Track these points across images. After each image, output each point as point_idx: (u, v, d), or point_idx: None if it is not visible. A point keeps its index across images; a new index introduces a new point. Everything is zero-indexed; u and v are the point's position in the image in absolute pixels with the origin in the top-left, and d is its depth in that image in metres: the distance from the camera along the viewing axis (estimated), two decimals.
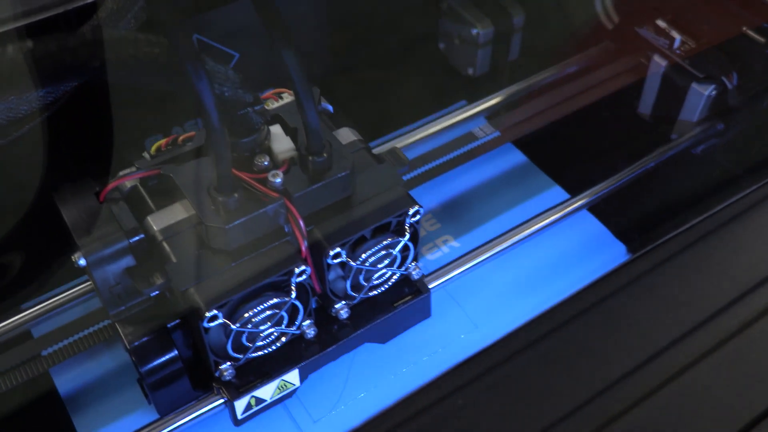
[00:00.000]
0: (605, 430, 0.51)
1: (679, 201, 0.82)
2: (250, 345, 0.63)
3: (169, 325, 0.63)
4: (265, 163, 0.63)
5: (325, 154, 0.63)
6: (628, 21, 0.96)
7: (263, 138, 0.64)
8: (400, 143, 0.88)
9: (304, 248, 0.62)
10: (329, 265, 0.64)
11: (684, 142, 0.88)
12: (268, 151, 0.65)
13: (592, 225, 0.82)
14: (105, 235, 0.61)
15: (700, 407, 0.51)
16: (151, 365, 0.62)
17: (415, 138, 0.90)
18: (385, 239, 0.65)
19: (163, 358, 0.63)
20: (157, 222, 0.63)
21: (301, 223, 0.62)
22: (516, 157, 0.95)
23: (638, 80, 0.96)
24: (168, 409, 0.66)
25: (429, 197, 0.91)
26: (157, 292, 0.61)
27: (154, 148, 0.67)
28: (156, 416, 0.66)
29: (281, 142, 0.65)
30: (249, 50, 0.90)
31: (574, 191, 0.84)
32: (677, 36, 0.91)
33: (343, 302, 0.67)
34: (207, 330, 0.60)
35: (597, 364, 0.54)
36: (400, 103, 1.04)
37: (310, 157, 0.63)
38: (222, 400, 0.65)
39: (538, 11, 1.01)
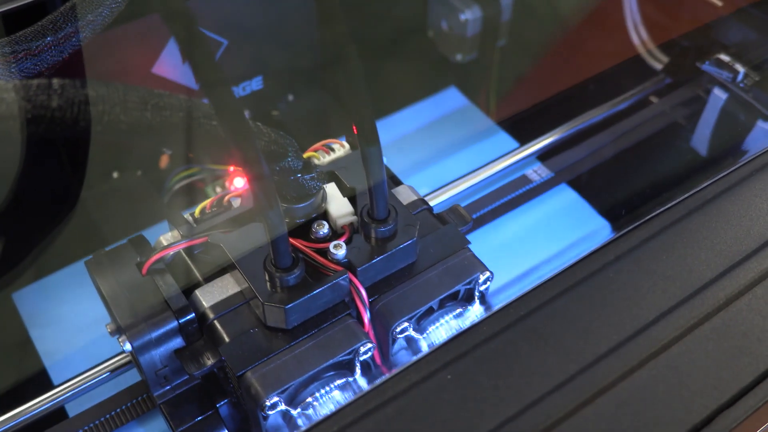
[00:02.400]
0: (594, 403, 0.51)
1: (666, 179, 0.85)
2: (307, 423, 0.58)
3: (218, 405, 0.59)
4: (324, 231, 0.58)
5: (391, 223, 0.58)
6: (686, 54, 0.93)
7: (320, 201, 0.59)
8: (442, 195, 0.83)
9: (367, 323, 0.58)
10: (394, 340, 0.59)
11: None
12: (325, 216, 0.60)
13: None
14: (152, 315, 0.56)
15: (687, 379, 0.52)
16: None
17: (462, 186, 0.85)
18: (454, 309, 0.61)
19: None
20: (206, 297, 0.58)
21: (365, 297, 0.57)
22: (568, 195, 0.92)
23: (692, 113, 0.93)
24: None
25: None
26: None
27: (198, 210, 0.62)
28: None
29: (338, 205, 0.60)
30: (236, 38, 0.89)
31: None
32: (741, 69, 0.87)
33: None
34: (266, 417, 0.55)
35: (585, 338, 0.54)
36: (389, 90, 1.05)
37: (374, 225, 0.58)
38: None
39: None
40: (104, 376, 0.67)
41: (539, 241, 0.86)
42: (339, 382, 0.57)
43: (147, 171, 0.95)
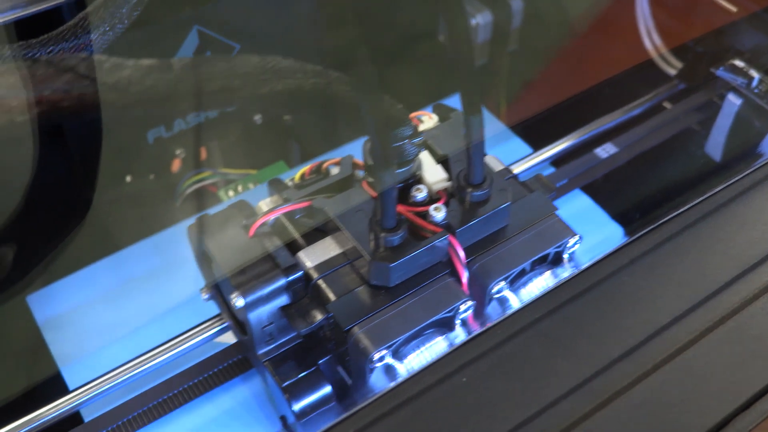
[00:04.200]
0: (607, 407, 0.51)
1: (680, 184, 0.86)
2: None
3: (320, 362, 0.62)
4: (423, 195, 0.61)
5: (486, 188, 0.61)
6: (700, 59, 0.93)
7: (416, 168, 0.62)
8: None
9: (465, 283, 0.60)
10: (490, 299, 0.62)
11: None
12: (420, 182, 0.63)
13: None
14: (262, 273, 0.59)
15: (702, 383, 0.52)
16: (306, 404, 0.61)
17: None
18: (544, 271, 0.64)
19: (318, 397, 0.62)
20: (310, 259, 0.61)
21: (463, 257, 0.60)
22: (582, 201, 0.92)
23: (706, 119, 0.93)
24: None
25: None
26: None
27: (298, 175, 0.66)
28: None
29: (433, 171, 0.63)
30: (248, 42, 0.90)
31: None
32: (756, 74, 0.87)
33: None
34: (372, 370, 0.57)
35: (599, 342, 0.54)
36: (401, 95, 1.04)
37: (470, 189, 0.61)
38: None
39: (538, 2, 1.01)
40: (120, 380, 0.67)
41: None
42: (436, 338, 0.60)
43: (159, 175, 0.96)
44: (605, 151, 0.92)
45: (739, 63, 0.89)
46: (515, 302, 0.62)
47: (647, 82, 0.97)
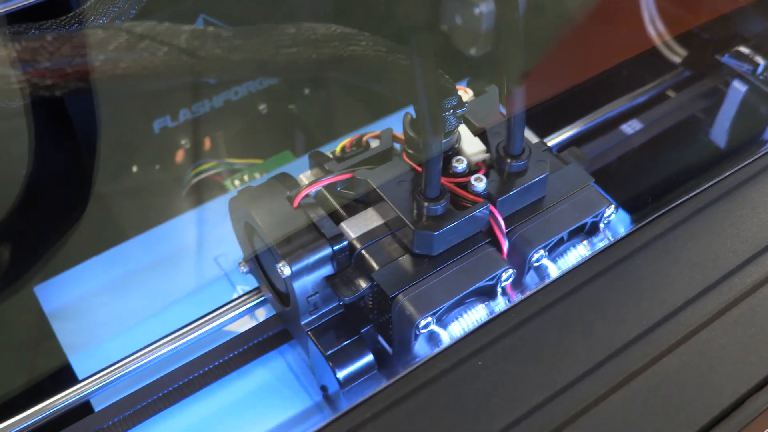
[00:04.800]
0: (624, 388, 0.52)
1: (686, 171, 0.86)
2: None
3: (362, 331, 0.64)
4: (463, 166, 0.62)
5: (525, 159, 0.62)
6: (705, 46, 0.93)
7: (456, 140, 0.63)
8: None
9: (505, 252, 0.62)
10: (530, 267, 0.63)
11: None
12: (459, 154, 0.64)
13: None
14: (308, 243, 0.60)
15: (717, 364, 0.53)
16: (349, 372, 0.63)
17: None
18: (581, 240, 0.65)
19: (361, 365, 0.63)
20: (352, 229, 0.62)
21: (504, 226, 0.61)
22: None
23: (711, 106, 0.93)
24: None
25: None
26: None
27: (339, 148, 0.67)
28: None
29: (471, 144, 0.64)
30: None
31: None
32: (762, 61, 0.87)
33: None
34: (417, 337, 0.58)
35: (614, 324, 0.55)
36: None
37: (509, 160, 0.62)
38: None
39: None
40: (130, 369, 0.67)
41: None
42: (480, 306, 0.61)
43: (165, 165, 0.96)
44: (610, 139, 0.93)
45: (744, 50, 0.89)
46: (553, 271, 0.64)
47: (652, 70, 0.98)
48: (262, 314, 0.74)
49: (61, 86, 0.53)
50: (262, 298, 0.70)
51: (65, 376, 0.76)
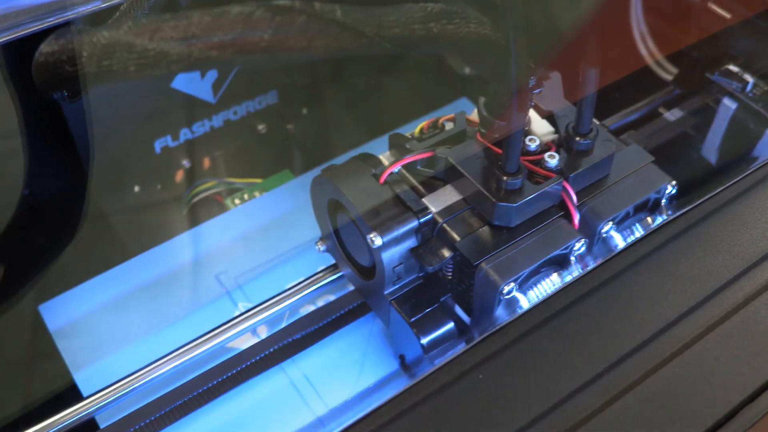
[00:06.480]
0: (620, 401, 0.53)
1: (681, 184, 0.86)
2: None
3: (442, 299, 0.67)
4: (536, 145, 0.66)
5: (592, 138, 0.66)
6: (695, 65, 0.95)
7: (528, 121, 0.67)
8: None
9: (577, 224, 0.66)
10: (599, 238, 0.67)
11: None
12: (530, 134, 0.67)
13: None
14: (396, 215, 0.64)
15: (710, 375, 0.54)
16: (432, 338, 0.66)
17: None
18: (645, 216, 0.69)
19: (443, 331, 0.66)
20: (433, 204, 0.65)
21: (575, 200, 0.65)
22: None
23: (702, 123, 0.94)
24: None
25: None
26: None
27: (417, 130, 0.70)
28: None
29: (539, 125, 0.68)
30: None
31: None
32: (750, 79, 0.89)
33: None
34: (500, 301, 0.62)
35: (609, 338, 0.56)
36: (400, 102, 1.08)
37: (578, 139, 0.66)
38: None
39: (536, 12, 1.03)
40: (134, 386, 0.68)
41: None
42: (551, 274, 0.65)
43: (166, 184, 0.97)
44: None
45: (733, 68, 0.91)
46: (620, 242, 0.67)
47: (644, 88, 0.99)
48: (263, 331, 0.76)
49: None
50: (337, 276, 0.74)
51: (70, 393, 0.77)
